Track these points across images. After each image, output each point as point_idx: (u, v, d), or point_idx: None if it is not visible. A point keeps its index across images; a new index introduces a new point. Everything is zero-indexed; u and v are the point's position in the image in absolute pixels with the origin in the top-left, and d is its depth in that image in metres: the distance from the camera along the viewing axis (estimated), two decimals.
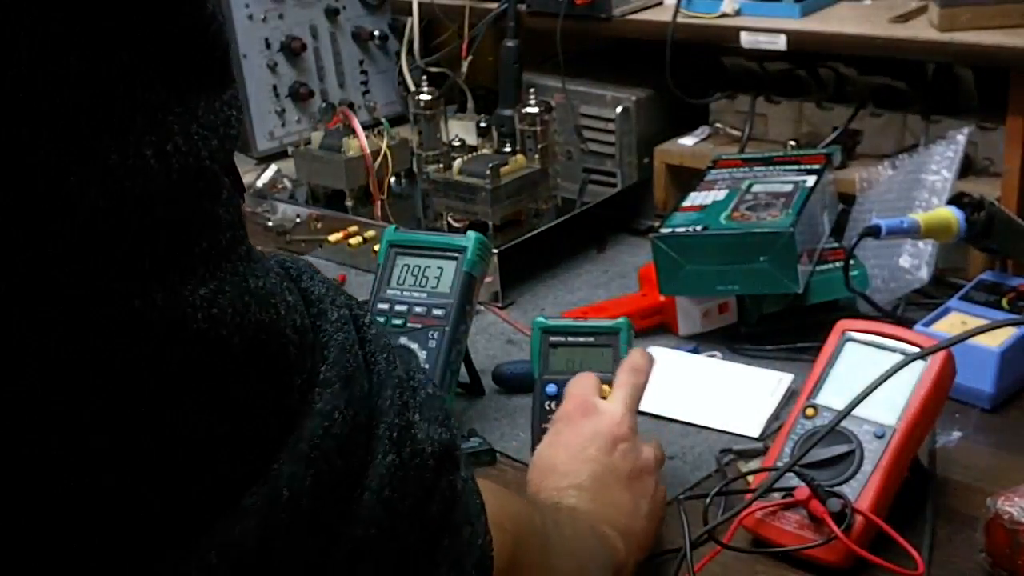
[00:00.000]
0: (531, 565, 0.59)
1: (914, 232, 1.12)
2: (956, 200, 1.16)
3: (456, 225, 1.44)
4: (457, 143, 1.52)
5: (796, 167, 1.30)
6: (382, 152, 1.52)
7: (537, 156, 1.45)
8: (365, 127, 1.54)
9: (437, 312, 1.06)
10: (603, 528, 0.78)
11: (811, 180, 1.25)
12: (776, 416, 1.06)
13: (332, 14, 1.77)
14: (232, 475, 0.40)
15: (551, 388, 0.98)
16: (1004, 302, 1.13)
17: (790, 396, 1.08)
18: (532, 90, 1.49)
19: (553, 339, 0.99)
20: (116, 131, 0.36)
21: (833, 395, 0.92)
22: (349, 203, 1.52)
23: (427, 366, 1.04)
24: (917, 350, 0.90)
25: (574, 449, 0.84)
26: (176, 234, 0.38)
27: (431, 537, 0.48)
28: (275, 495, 0.41)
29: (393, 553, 0.46)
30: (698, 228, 1.19)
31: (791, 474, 0.86)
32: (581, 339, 0.98)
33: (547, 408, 0.98)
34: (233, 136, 0.41)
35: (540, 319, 1.01)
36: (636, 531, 0.82)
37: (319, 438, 0.42)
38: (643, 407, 1.04)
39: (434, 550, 0.48)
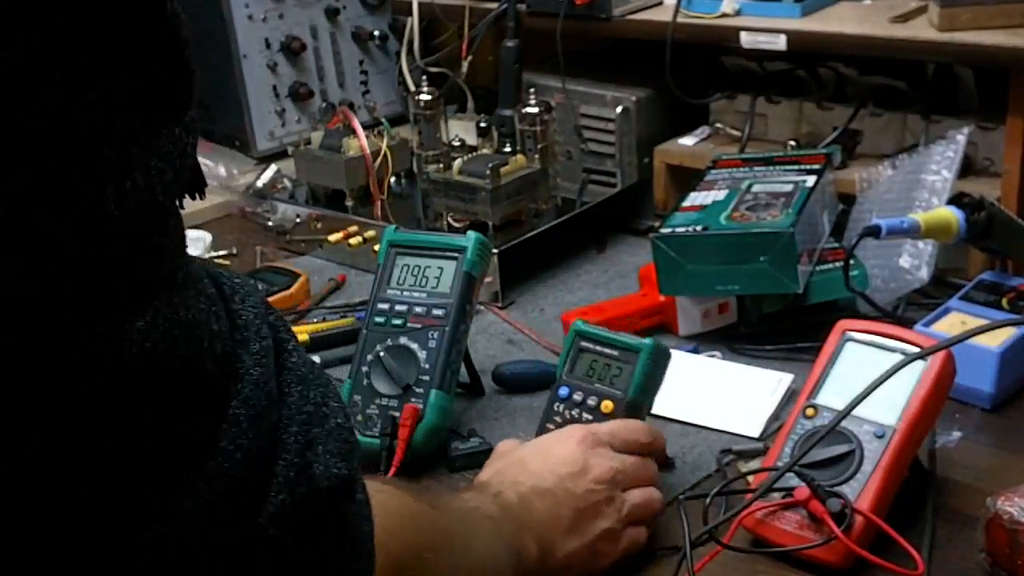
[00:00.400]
0: None
1: (914, 232, 1.12)
2: (956, 200, 1.16)
3: (456, 225, 1.44)
4: (457, 143, 1.52)
5: (796, 167, 1.30)
6: (382, 152, 1.52)
7: (537, 156, 1.45)
8: (365, 127, 1.54)
9: (437, 312, 1.06)
10: (525, 538, 0.79)
11: (811, 180, 1.25)
12: (776, 416, 1.06)
13: (332, 14, 1.77)
14: (131, 511, 0.40)
15: (564, 391, 0.98)
16: (1004, 302, 1.13)
17: (790, 396, 1.08)
18: (532, 90, 1.49)
19: (583, 344, 0.99)
20: (84, 165, 0.36)
21: (833, 395, 0.92)
22: (349, 203, 1.52)
23: (427, 366, 1.04)
24: (917, 350, 0.90)
25: (551, 460, 0.86)
26: (121, 267, 0.38)
27: (317, 565, 0.49)
28: (169, 533, 0.41)
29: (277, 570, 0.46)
30: (698, 228, 1.19)
31: (791, 474, 0.86)
32: (607, 350, 0.98)
33: (555, 408, 0.98)
34: (188, 165, 0.41)
35: (580, 323, 1.00)
36: (560, 551, 0.83)
37: (219, 478, 0.42)
38: None
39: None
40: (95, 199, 0.36)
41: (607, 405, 0.95)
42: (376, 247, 1.22)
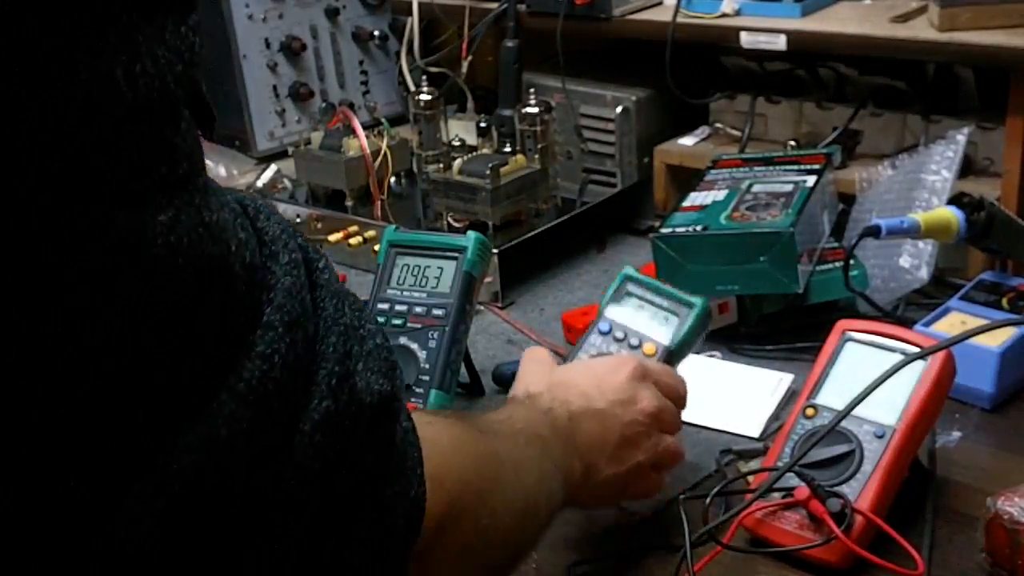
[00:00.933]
0: (467, 522, 0.59)
1: (914, 232, 1.12)
2: (956, 200, 1.16)
3: (456, 225, 1.44)
4: (457, 143, 1.52)
5: (796, 167, 1.30)
6: (382, 152, 1.52)
7: (537, 156, 1.45)
8: (365, 127, 1.54)
9: (437, 312, 1.06)
10: (572, 458, 0.79)
11: (811, 180, 1.25)
12: (776, 416, 1.06)
13: (332, 14, 1.77)
14: (171, 411, 0.40)
15: (605, 326, 0.99)
16: (1004, 302, 1.13)
17: (790, 396, 1.08)
18: (532, 90, 1.49)
19: (631, 288, 1.00)
20: (91, 48, 0.37)
21: (833, 395, 0.92)
22: (349, 203, 1.52)
23: (427, 366, 1.04)
24: (917, 350, 0.90)
25: (603, 385, 0.86)
26: (137, 158, 0.39)
27: (363, 485, 0.48)
28: (213, 434, 0.41)
29: (323, 497, 0.46)
30: (698, 228, 1.19)
31: (791, 474, 0.86)
32: (657, 299, 0.99)
33: (592, 342, 0.98)
34: (196, 63, 0.41)
35: (630, 269, 1.02)
36: (600, 474, 0.83)
37: (258, 380, 0.43)
38: None
39: (365, 497, 0.49)
40: (107, 79, 0.37)
41: (649, 348, 0.96)
42: (376, 247, 1.22)
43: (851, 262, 1.16)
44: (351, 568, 0.49)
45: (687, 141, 1.52)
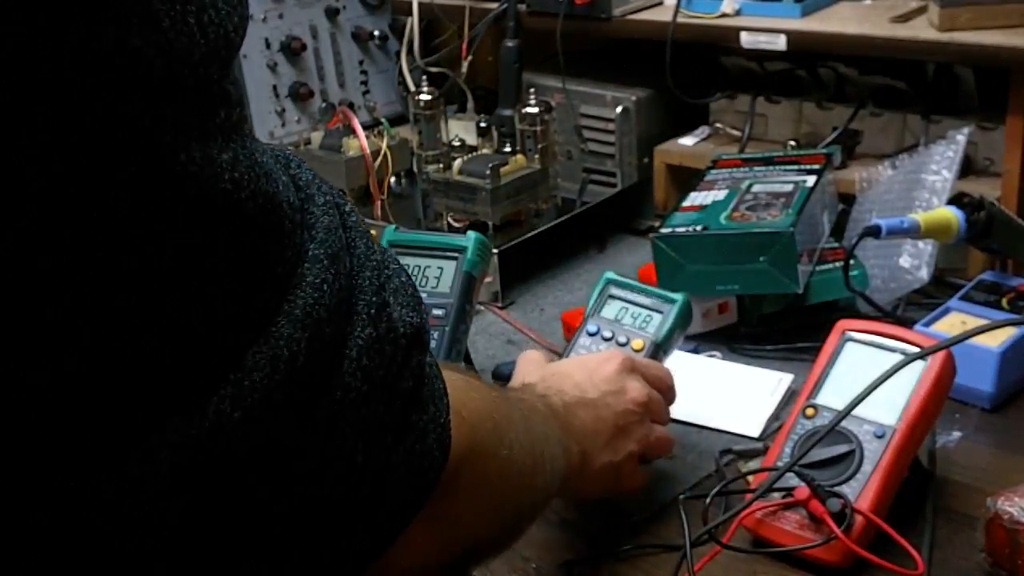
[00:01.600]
0: (487, 454, 0.62)
1: (914, 232, 1.12)
2: (956, 200, 1.16)
3: (456, 225, 1.44)
4: (457, 143, 1.52)
5: (796, 167, 1.30)
6: (382, 152, 1.52)
7: (537, 156, 1.45)
8: (365, 127, 1.54)
9: (437, 312, 1.06)
10: (570, 441, 0.81)
11: (811, 180, 1.25)
12: (776, 416, 1.06)
13: (332, 14, 1.77)
14: (239, 334, 0.44)
15: (593, 327, 1.01)
16: (1004, 302, 1.13)
17: (790, 396, 1.08)
18: (532, 90, 1.49)
19: (614, 291, 1.03)
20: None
21: (833, 395, 0.92)
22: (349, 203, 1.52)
23: None
24: (917, 350, 0.90)
25: (594, 376, 0.89)
26: (204, 100, 0.42)
27: (401, 410, 0.52)
28: (277, 353, 0.44)
29: (367, 420, 0.49)
30: (698, 228, 1.19)
31: (791, 474, 0.86)
32: (639, 298, 1.02)
33: (582, 343, 1.01)
34: (247, 17, 0.45)
35: (610, 274, 1.05)
36: (596, 463, 0.85)
37: (311, 306, 0.46)
38: None
39: (403, 422, 0.52)
40: (183, 25, 0.40)
41: (637, 343, 0.99)
42: None
43: (851, 262, 1.16)
44: (390, 494, 0.52)
45: (687, 141, 1.52)
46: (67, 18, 0.37)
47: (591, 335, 1.01)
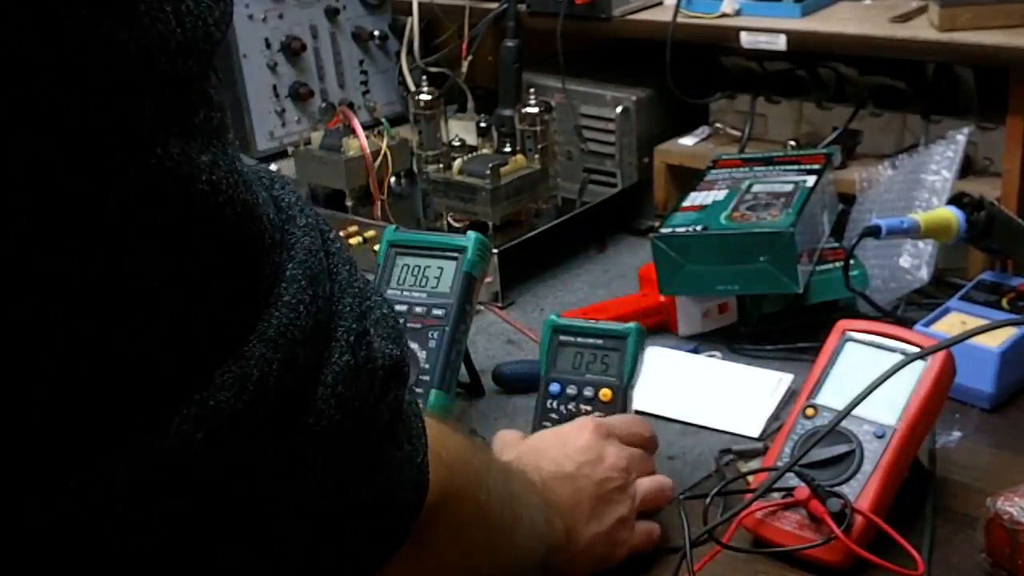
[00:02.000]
0: (465, 499, 0.60)
1: (914, 232, 1.12)
2: (956, 200, 1.16)
3: (456, 225, 1.44)
4: (457, 143, 1.52)
5: (796, 167, 1.30)
6: (382, 152, 1.52)
7: (537, 156, 1.45)
8: (365, 127, 1.54)
9: (437, 312, 1.06)
10: (552, 515, 0.79)
11: (811, 180, 1.25)
12: (776, 416, 1.06)
13: (332, 14, 1.77)
14: (207, 351, 0.42)
15: (555, 387, 0.98)
16: (1004, 302, 1.13)
17: (790, 396, 1.08)
18: (532, 90, 1.49)
19: (563, 338, 0.99)
20: None
21: (833, 395, 0.92)
22: (349, 203, 1.52)
23: (427, 366, 1.04)
24: (917, 350, 0.90)
25: (569, 448, 0.86)
26: (184, 96, 0.40)
27: (376, 444, 0.50)
28: (246, 373, 0.43)
29: (339, 450, 0.48)
30: (698, 228, 1.19)
31: (791, 474, 0.86)
32: (590, 340, 0.98)
33: (549, 406, 0.98)
34: (230, 13, 0.43)
35: (553, 317, 1.01)
36: (583, 537, 0.83)
37: (285, 327, 0.44)
38: (643, 407, 1.05)
39: (377, 457, 0.50)
40: (159, 14, 0.39)
41: (606, 393, 0.96)
42: (376, 247, 1.22)
43: (851, 262, 1.16)
44: (360, 532, 0.50)
45: (687, 141, 1.52)
46: (38, 2, 0.35)
47: (555, 397, 0.98)
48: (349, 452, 0.48)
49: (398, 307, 1.08)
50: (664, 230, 1.21)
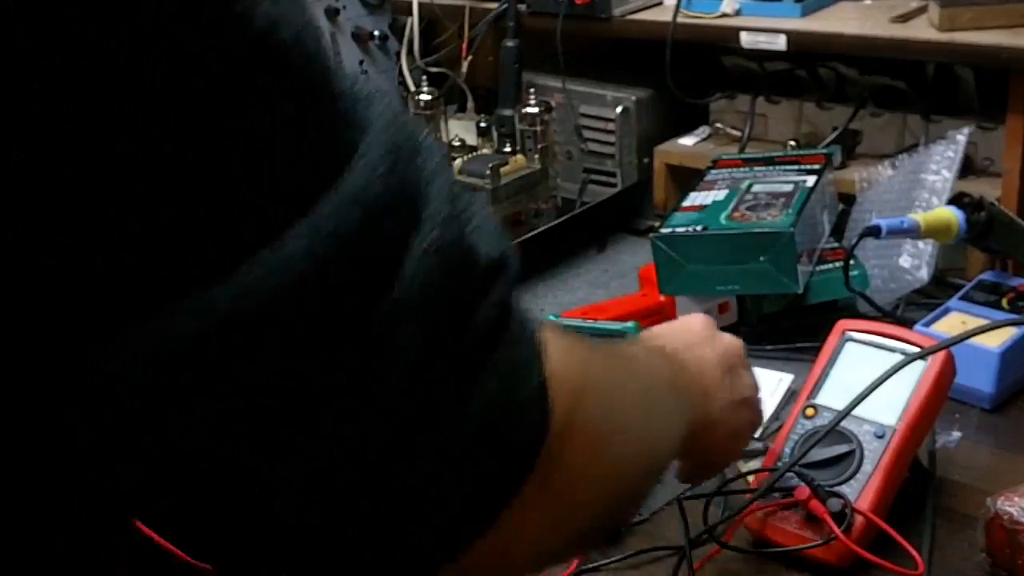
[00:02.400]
0: (593, 417, 0.52)
1: (914, 232, 1.12)
2: (956, 200, 1.16)
3: None
4: (457, 143, 1.52)
5: (796, 167, 1.30)
6: None
7: (537, 156, 1.45)
8: None
9: None
10: (689, 381, 0.73)
11: (811, 180, 1.25)
12: (776, 416, 1.06)
13: (332, 14, 1.77)
14: (276, 206, 0.38)
15: None
16: (1004, 302, 1.13)
17: (790, 396, 1.08)
18: (532, 90, 1.49)
19: None
20: None
21: (833, 395, 0.92)
22: None
23: None
24: (917, 350, 0.90)
25: (684, 333, 0.82)
26: None
27: (480, 345, 0.44)
28: (319, 227, 0.38)
29: (437, 342, 0.42)
30: (698, 228, 1.19)
31: (791, 474, 0.86)
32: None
33: None
34: None
35: (552, 317, 1.01)
36: (717, 401, 0.78)
37: (361, 188, 0.40)
38: None
39: (483, 363, 0.44)
40: None
41: None
42: None
43: (851, 262, 1.16)
44: (478, 456, 0.43)
45: (687, 141, 1.52)
46: None
47: None
48: (449, 346, 0.42)
49: None
50: (664, 230, 1.21)
